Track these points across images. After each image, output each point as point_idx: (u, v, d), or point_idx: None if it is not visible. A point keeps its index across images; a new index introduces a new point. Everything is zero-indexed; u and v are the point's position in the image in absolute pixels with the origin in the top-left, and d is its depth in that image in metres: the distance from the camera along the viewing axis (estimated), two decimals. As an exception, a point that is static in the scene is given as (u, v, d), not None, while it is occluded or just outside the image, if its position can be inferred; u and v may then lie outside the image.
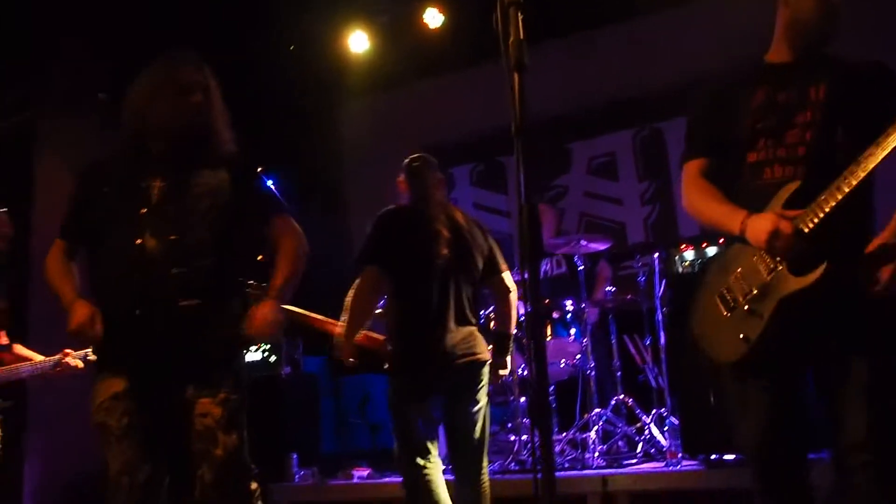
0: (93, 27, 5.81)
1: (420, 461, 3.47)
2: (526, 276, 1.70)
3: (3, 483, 5.13)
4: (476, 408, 3.56)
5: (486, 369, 3.61)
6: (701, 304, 2.63)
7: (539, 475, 1.65)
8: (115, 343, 2.59)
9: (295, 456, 5.49)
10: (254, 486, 2.60)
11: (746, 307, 2.40)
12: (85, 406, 5.40)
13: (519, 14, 1.71)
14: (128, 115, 2.71)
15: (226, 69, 2.92)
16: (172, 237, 2.56)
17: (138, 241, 2.54)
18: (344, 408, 6.64)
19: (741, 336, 2.40)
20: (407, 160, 3.88)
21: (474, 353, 3.55)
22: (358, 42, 7.14)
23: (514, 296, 3.79)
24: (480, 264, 3.68)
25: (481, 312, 4.48)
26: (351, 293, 3.64)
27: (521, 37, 1.68)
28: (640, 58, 6.89)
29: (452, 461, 3.68)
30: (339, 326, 3.69)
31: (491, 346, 3.73)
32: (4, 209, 4.17)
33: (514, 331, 3.89)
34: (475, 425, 3.55)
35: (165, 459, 2.58)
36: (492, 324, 4.27)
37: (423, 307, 3.50)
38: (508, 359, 3.82)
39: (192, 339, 2.54)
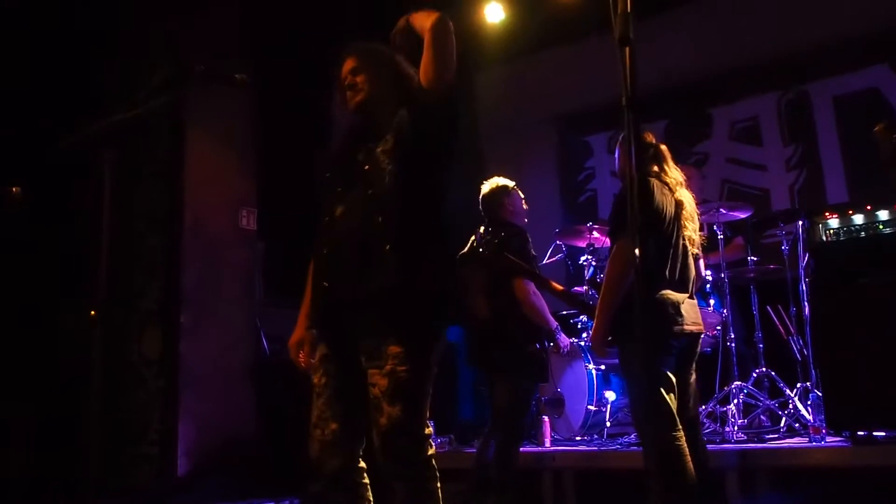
0: (234, 5, 6.04)
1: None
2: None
3: (159, 442, 5.48)
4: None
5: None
6: None
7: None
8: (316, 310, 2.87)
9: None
10: (430, 451, 2.67)
11: None
12: (234, 366, 5.75)
13: (630, -14, 1.69)
14: None
15: (363, 40, 3.03)
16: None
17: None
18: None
19: None
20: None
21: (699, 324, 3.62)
22: (493, 12, 7.16)
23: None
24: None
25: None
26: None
27: (628, 10, 1.67)
28: (785, 17, 6.60)
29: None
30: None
31: None
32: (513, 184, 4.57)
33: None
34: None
35: (356, 420, 2.72)
36: None
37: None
38: None
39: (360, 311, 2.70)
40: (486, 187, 4.61)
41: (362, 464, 2.79)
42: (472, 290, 4.40)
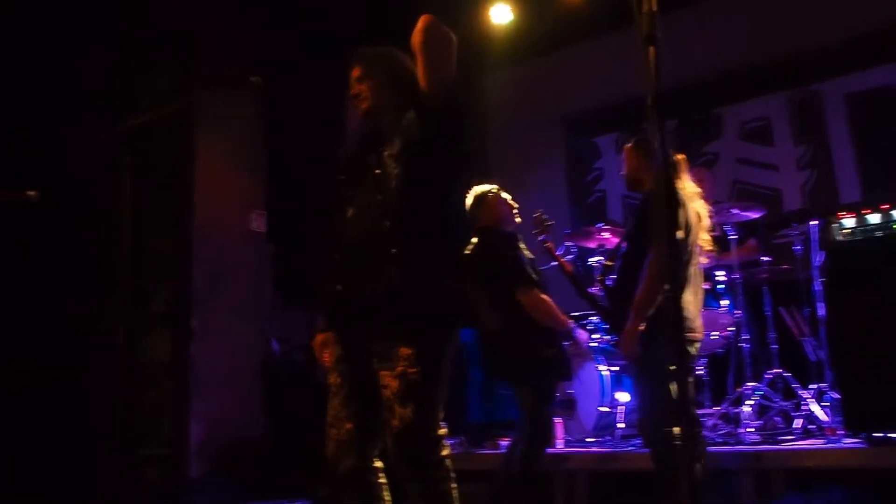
0: (242, 9, 6.04)
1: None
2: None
3: (172, 443, 5.49)
4: None
5: None
6: None
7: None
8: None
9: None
10: (444, 451, 2.66)
11: None
12: (244, 368, 5.77)
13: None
14: None
15: (372, 43, 3.02)
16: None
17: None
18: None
19: None
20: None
21: None
22: (500, 13, 7.14)
23: None
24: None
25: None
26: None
27: (654, 8, 1.65)
28: (795, 15, 6.58)
29: None
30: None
31: None
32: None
33: None
34: None
35: (371, 420, 2.73)
36: None
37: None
38: None
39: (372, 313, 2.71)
40: (468, 199, 4.45)
41: (379, 464, 2.79)
42: (477, 305, 4.34)
